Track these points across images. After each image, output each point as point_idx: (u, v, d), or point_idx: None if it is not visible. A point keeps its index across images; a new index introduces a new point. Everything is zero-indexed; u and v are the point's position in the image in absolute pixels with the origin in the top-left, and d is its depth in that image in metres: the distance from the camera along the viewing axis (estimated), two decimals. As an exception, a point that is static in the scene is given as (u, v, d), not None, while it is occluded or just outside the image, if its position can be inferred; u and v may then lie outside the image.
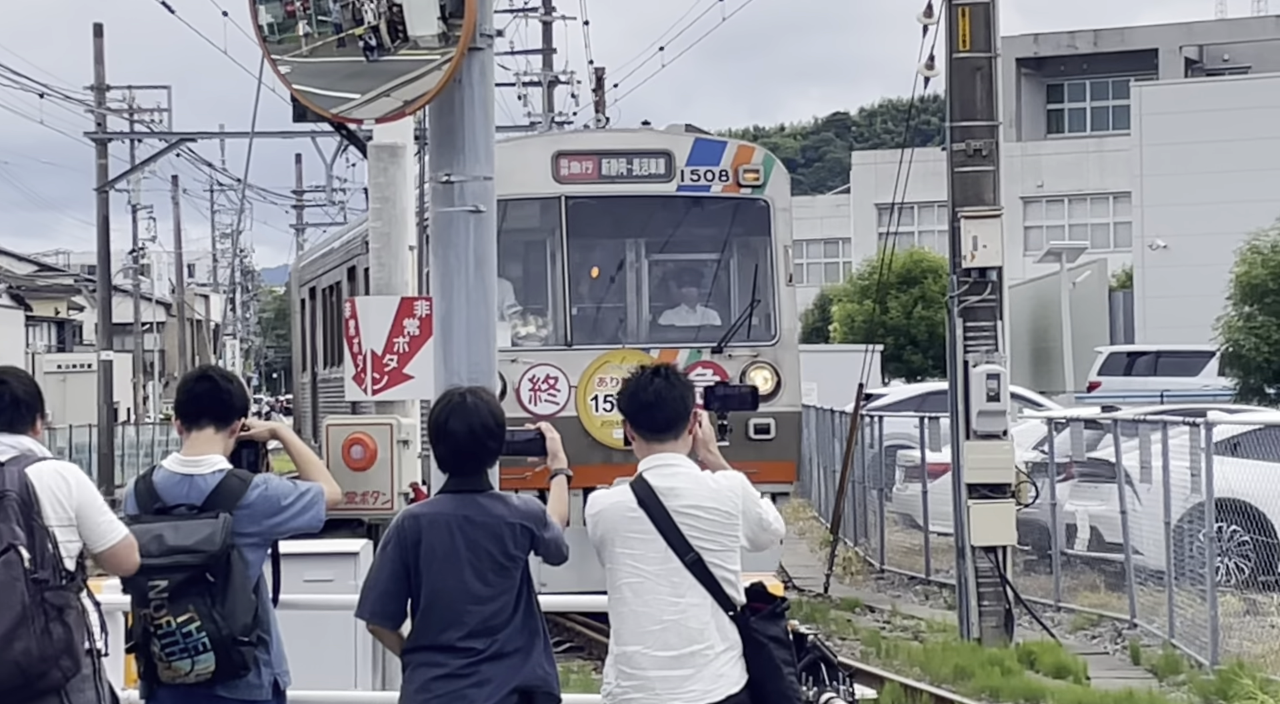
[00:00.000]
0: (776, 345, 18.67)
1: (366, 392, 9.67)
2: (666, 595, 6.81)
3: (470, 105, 8.68)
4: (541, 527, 6.86)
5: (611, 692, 6.90)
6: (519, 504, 6.89)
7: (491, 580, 6.79)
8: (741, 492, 6.91)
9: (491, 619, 6.79)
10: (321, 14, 8.64)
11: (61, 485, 6.52)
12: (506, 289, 18.29)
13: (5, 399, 6.73)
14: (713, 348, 18.36)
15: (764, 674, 6.84)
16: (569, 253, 18.50)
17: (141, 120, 57.68)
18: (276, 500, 6.96)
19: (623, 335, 18.76)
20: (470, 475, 6.86)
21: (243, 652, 6.77)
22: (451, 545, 6.79)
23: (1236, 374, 35.33)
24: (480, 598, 6.79)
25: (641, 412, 6.95)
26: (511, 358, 17.72)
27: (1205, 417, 17.36)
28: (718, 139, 19.30)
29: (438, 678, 6.79)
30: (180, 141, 51.84)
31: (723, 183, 18.61)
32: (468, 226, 8.71)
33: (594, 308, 18.94)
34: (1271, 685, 14.04)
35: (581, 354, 18.23)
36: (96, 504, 6.56)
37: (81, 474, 6.66)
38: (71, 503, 6.50)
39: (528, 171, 18.29)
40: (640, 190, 18.61)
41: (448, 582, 6.79)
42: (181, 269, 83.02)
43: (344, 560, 10.13)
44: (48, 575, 6.29)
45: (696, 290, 19.19)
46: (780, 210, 18.82)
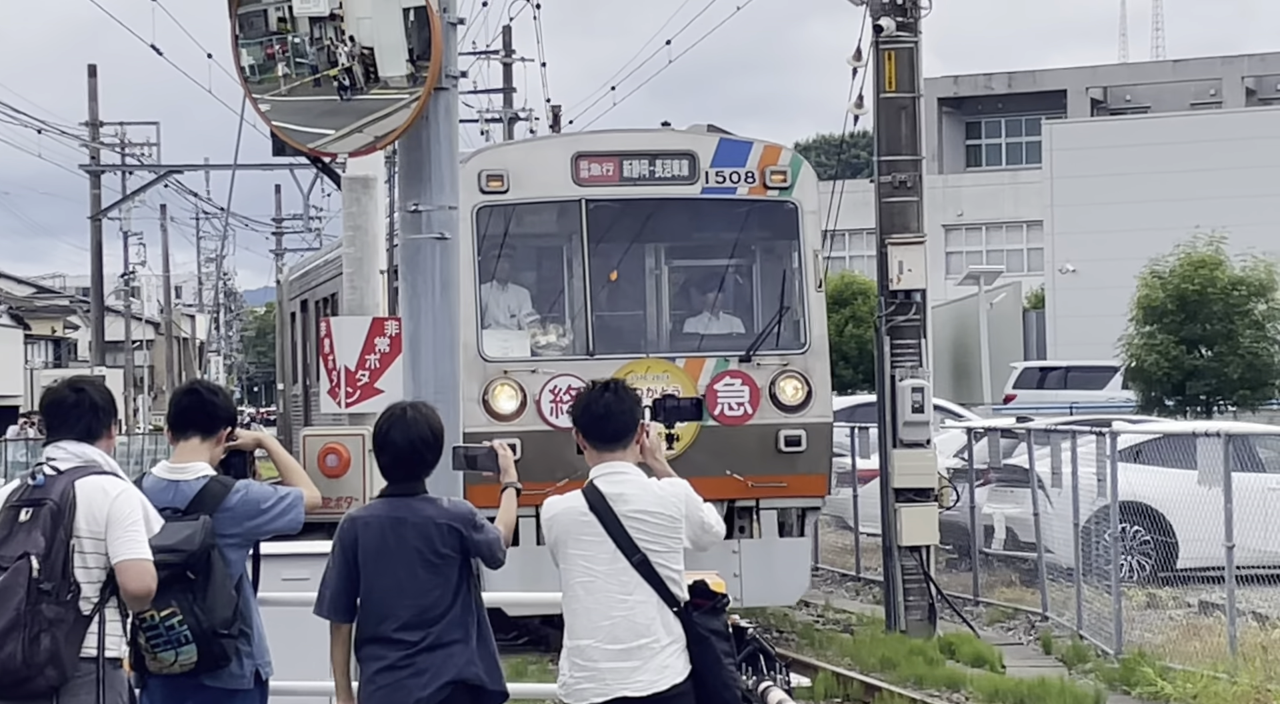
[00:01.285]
0: (806, 354, 16.47)
1: (340, 405, 9.65)
2: (616, 593, 6.81)
3: (437, 141, 8.68)
4: (470, 528, 6.89)
5: (565, 682, 6.91)
6: (448, 506, 6.95)
7: (422, 576, 6.83)
8: (685, 497, 6.93)
9: (426, 612, 6.83)
10: (299, 56, 8.63)
11: (100, 498, 6.36)
12: (524, 297, 16.64)
13: (84, 407, 6.59)
14: (740, 357, 16.29)
15: (706, 665, 6.85)
16: (590, 258, 16.38)
17: (132, 154, 57.44)
18: (256, 504, 6.96)
19: (646, 344, 16.68)
20: (407, 482, 6.94)
21: (223, 644, 6.77)
22: (384, 545, 6.86)
23: (1139, 388, 35.47)
24: (413, 592, 6.83)
25: (593, 424, 6.98)
26: (531, 368, 15.95)
27: (1110, 427, 17.44)
28: (743, 139, 16.97)
29: (380, 670, 6.86)
30: (168, 173, 51.77)
31: (749, 185, 16.53)
32: (434, 252, 8.71)
33: (616, 316, 16.95)
34: (1170, 673, 14.10)
35: (604, 364, 15.81)
36: (126, 520, 6.37)
37: (126, 489, 6.46)
38: (104, 515, 6.34)
39: (546, 173, 16.35)
40: (663, 193, 16.55)
41: (383, 578, 6.86)
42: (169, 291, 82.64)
43: (319, 560, 10.07)
44: (52, 586, 6.18)
45: (722, 297, 17.12)
46: (809, 213, 16.64)
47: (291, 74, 8.61)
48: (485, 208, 16.01)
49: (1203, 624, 15.89)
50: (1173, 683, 13.83)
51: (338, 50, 8.51)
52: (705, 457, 15.65)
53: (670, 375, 15.98)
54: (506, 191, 15.99)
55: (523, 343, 16.17)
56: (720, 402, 16.04)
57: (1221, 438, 15.14)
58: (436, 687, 6.81)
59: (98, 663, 6.28)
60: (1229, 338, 34.33)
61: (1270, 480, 17.50)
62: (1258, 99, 66.71)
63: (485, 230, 16.04)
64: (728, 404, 16.07)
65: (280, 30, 8.59)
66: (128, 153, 57.14)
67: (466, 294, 15.23)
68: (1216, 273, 34.33)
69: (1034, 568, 18.62)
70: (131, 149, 57.65)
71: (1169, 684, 13.82)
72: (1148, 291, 35.00)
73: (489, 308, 16.12)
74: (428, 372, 8.60)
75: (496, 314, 16.22)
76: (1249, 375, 34.49)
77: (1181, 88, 66.44)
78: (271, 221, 78.35)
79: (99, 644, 6.30)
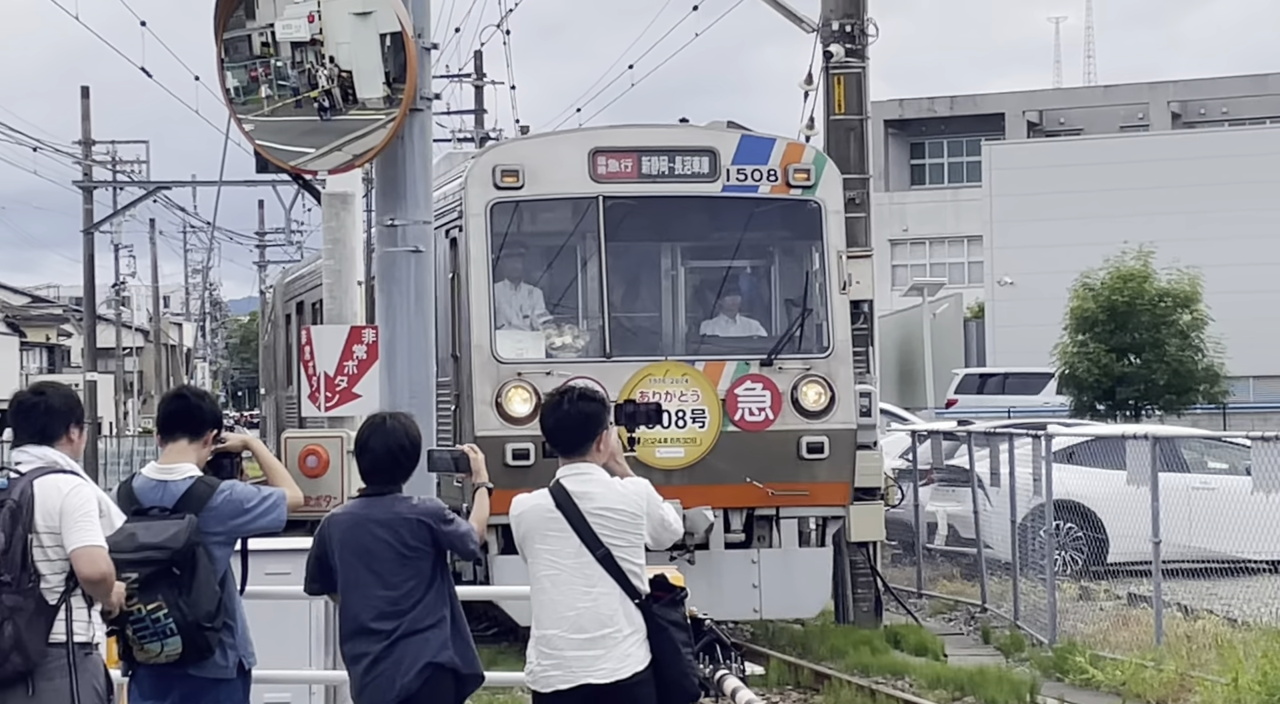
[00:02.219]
0: (830, 358, 15.15)
1: (320, 408, 9.61)
2: (580, 586, 6.82)
3: (411, 159, 8.68)
4: (439, 522, 6.92)
5: (533, 670, 6.91)
6: (418, 503, 7.00)
7: (394, 569, 6.88)
8: (646, 496, 6.95)
9: (398, 602, 6.87)
10: (281, 79, 8.63)
11: (54, 495, 6.39)
12: (538, 297, 15.28)
13: (41, 411, 6.61)
14: (761, 360, 14.96)
15: (666, 654, 6.86)
16: (607, 257, 15.01)
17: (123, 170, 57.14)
18: (240, 503, 6.95)
19: (664, 346, 15.31)
20: (383, 484, 6.99)
21: (207, 636, 6.77)
22: (359, 541, 6.92)
23: (1072, 393, 35.59)
24: (385, 585, 6.87)
25: (557, 429, 7.00)
26: (546, 371, 14.57)
27: (1045, 430, 17.49)
28: (766, 136, 15.55)
29: (366, 667, 6.92)
30: (157, 189, 51.68)
31: (771, 183, 15.15)
32: (409, 264, 8.70)
33: (634, 317, 15.53)
34: (1100, 661, 14.14)
35: (621, 366, 14.71)
36: (77, 513, 6.39)
37: (78, 486, 6.47)
38: (57, 510, 6.37)
39: (562, 170, 14.98)
40: (683, 190, 15.14)
41: (357, 571, 6.93)
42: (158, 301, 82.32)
43: (300, 556, 10.05)
44: (11, 577, 6.20)
45: (743, 298, 15.69)
46: (833, 213, 15.37)
47: (274, 95, 8.60)
48: (500, 204, 14.88)
49: (1131, 615, 15.94)
50: (1103, 670, 13.88)
51: (318, 73, 8.50)
52: (724, 463, 14.68)
53: (689, 379, 14.81)
54: (521, 187, 14.86)
55: (537, 344, 15.01)
56: (741, 406, 14.85)
57: (1149, 440, 15.21)
58: (416, 670, 6.84)
59: (67, 648, 6.27)
60: (1156, 346, 34.49)
61: (1194, 480, 17.60)
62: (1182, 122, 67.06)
63: (499, 227, 14.93)
64: (748, 409, 14.89)
65: (264, 54, 8.58)
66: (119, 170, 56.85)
67: (479, 293, 14.63)
68: (1144, 285, 34.49)
69: (974, 562, 18.66)
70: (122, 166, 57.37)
71: (1099, 672, 13.87)
72: (1080, 303, 35.15)
73: (502, 308, 14.96)
74: (403, 377, 8.60)
75: (510, 314, 15.08)
76: (1174, 381, 34.66)
77: (1112, 111, 66.74)
78: (255, 235, 78.19)
79: (67, 630, 6.30)
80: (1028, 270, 50.12)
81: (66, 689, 6.23)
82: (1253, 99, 67.36)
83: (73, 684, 6.24)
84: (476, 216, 14.78)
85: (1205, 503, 15.53)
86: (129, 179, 56.39)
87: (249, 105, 8.66)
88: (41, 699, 6.22)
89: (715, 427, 14.67)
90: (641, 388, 14.55)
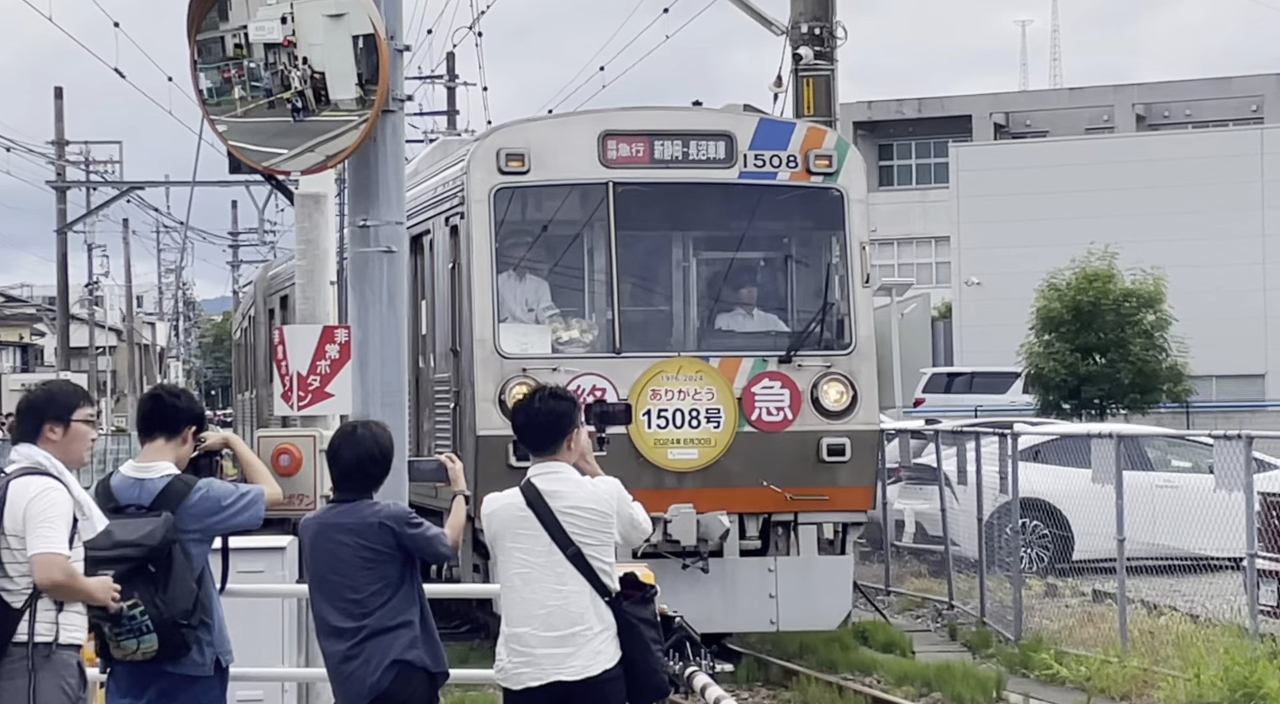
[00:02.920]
0: (852, 355, 14.18)
1: (293, 407, 9.58)
2: (551, 584, 6.82)
3: (384, 160, 8.66)
4: (403, 526, 6.95)
5: (503, 667, 6.91)
6: (384, 508, 7.03)
7: (358, 572, 6.91)
8: (616, 495, 6.96)
9: (363, 604, 6.90)
10: (254, 80, 8.61)
11: (20, 498, 6.34)
12: (543, 289, 14.17)
13: (25, 411, 6.55)
14: (780, 357, 13.94)
15: (635, 651, 6.86)
16: (617, 246, 13.88)
17: (96, 171, 56.96)
18: (217, 501, 6.94)
19: (677, 342, 14.23)
20: (353, 492, 7.02)
21: (183, 633, 6.74)
22: (325, 547, 6.97)
23: (1038, 392, 35.70)
24: (350, 587, 6.91)
25: (528, 428, 6.99)
26: (553, 367, 13.57)
27: (1012, 428, 17.54)
28: (785, 121, 14.68)
29: (337, 665, 6.97)
30: (130, 190, 51.56)
31: (791, 169, 14.05)
32: (381, 265, 8.68)
33: (645, 310, 14.42)
34: (1065, 657, 14.19)
35: (632, 363, 13.69)
36: (39, 518, 6.30)
37: (46, 488, 6.38)
38: (21, 513, 6.32)
39: (571, 153, 13.88)
40: (698, 176, 14.02)
41: (325, 572, 6.98)
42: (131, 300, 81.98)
43: (273, 554, 10.11)
44: None
45: (761, 291, 14.60)
46: (855, 202, 14.26)
47: (247, 97, 8.58)
48: (504, 189, 13.82)
49: (1096, 612, 15.99)
50: (1068, 666, 13.93)
51: (291, 75, 8.48)
52: (740, 466, 13.71)
53: (704, 376, 13.78)
54: (527, 172, 13.76)
55: (543, 338, 13.97)
56: (758, 406, 13.85)
57: (1114, 439, 15.26)
58: (383, 669, 6.87)
59: (28, 648, 6.24)
60: (1120, 346, 34.61)
61: (1158, 478, 17.66)
62: (1147, 125, 67.33)
63: (503, 214, 13.87)
64: (765, 409, 13.88)
65: (237, 55, 8.57)
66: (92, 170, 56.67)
67: (482, 284, 13.68)
68: (1109, 286, 34.61)
69: (941, 560, 18.70)
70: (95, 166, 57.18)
71: (1064, 667, 13.92)
72: (1046, 303, 35.26)
73: (506, 300, 13.91)
74: (375, 376, 8.59)
75: (514, 307, 14.03)
76: (1139, 380, 34.79)
77: (1077, 114, 66.95)
78: (228, 235, 77.98)
79: (29, 631, 6.26)
80: (994, 271, 50.28)
81: (24, 689, 6.21)
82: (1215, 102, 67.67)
83: (30, 685, 6.22)
84: (479, 203, 13.81)
85: (1169, 501, 15.57)
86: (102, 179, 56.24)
87: (222, 106, 8.64)
88: (3, 697, 6.20)
89: (731, 427, 13.74)
90: (653, 386, 13.67)
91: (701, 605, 13.14)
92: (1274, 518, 14.25)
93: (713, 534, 13.54)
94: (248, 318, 29.16)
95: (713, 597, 13.52)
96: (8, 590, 6.28)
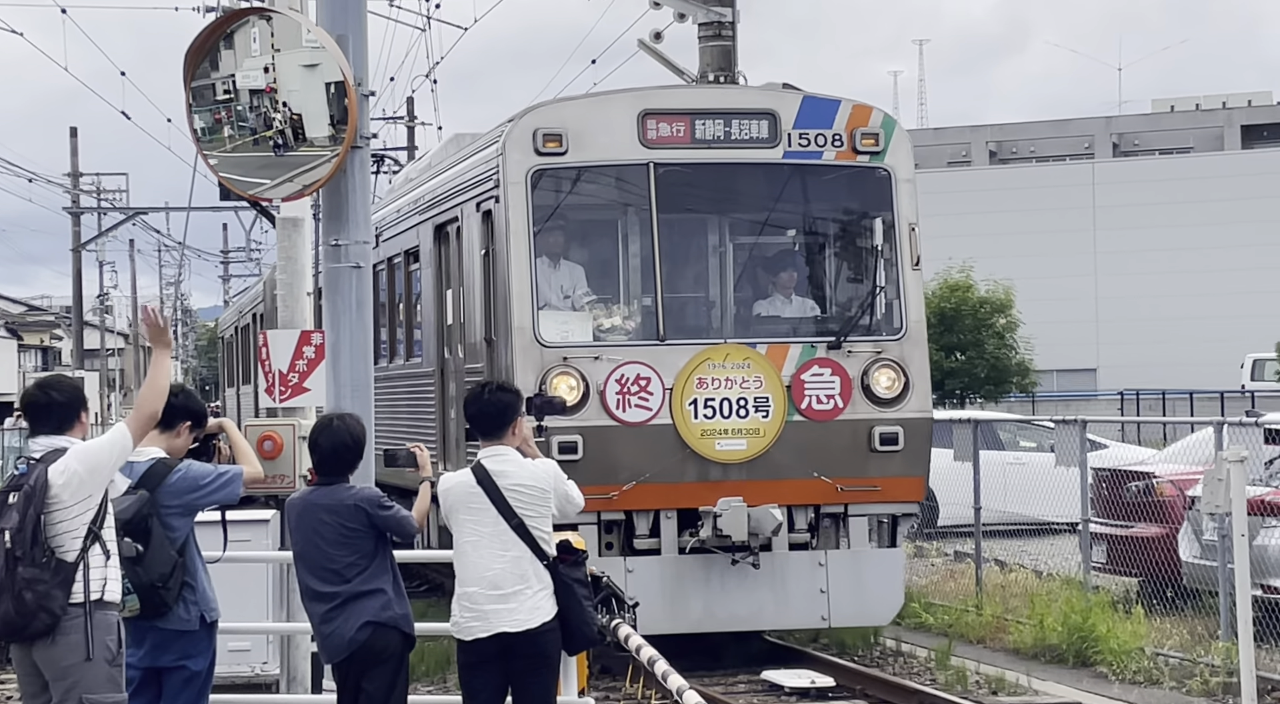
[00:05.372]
0: (903, 340, 11.95)
1: (275, 400, 9.52)
2: (497, 549, 6.81)
3: (353, 189, 8.62)
4: (375, 508, 6.88)
5: (456, 621, 6.89)
6: (358, 491, 6.97)
7: (336, 546, 6.84)
8: (553, 474, 6.96)
9: (341, 572, 6.83)
10: (241, 121, 8.58)
11: (63, 468, 6.12)
12: (579, 275, 11.90)
13: (54, 406, 6.33)
14: (829, 343, 11.78)
15: (570, 607, 6.86)
16: (659, 229, 11.70)
17: (106, 198, 56.35)
18: (195, 481, 6.87)
19: (723, 328, 12.04)
20: (331, 476, 6.95)
21: (161, 595, 6.71)
22: (308, 523, 6.89)
23: (907, 384, 35.94)
24: (328, 557, 6.84)
25: (478, 416, 6.98)
26: (595, 355, 11.41)
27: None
28: (829, 97, 12.15)
29: (319, 624, 6.92)
30: (135, 214, 51.23)
31: (836, 148, 11.93)
32: (351, 279, 8.65)
33: (689, 296, 12.23)
34: (932, 607, 14.27)
35: (676, 350, 11.49)
36: (91, 445, 6.18)
37: (83, 450, 6.16)
38: (80, 473, 6.10)
39: (610, 133, 11.70)
40: (741, 157, 11.86)
41: (307, 546, 6.91)
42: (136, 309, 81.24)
43: (259, 526, 10.08)
44: (23, 553, 6.02)
45: (808, 275, 12.44)
46: (903, 181, 12.07)
47: (235, 135, 8.54)
48: (541, 171, 11.61)
49: (957, 569, 16.11)
50: (934, 615, 14.01)
51: (273, 116, 8.44)
52: (789, 457, 11.51)
53: (751, 363, 11.55)
54: (565, 153, 11.59)
55: (584, 326, 11.70)
56: (808, 394, 11.67)
57: (971, 424, 15.38)
58: (358, 626, 6.81)
59: (84, 607, 6.14)
60: (977, 345, 34.93)
61: (1008, 457, 17.82)
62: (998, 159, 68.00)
63: (541, 197, 11.66)
64: (815, 396, 11.69)
65: (226, 100, 8.53)
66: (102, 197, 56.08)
67: (520, 270, 11.44)
68: (967, 294, 34.92)
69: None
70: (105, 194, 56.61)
71: (931, 616, 14.00)
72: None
73: (543, 286, 11.65)
74: (345, 375, 8.57)
75: (553, 293, 11.76)
76: (993, 375, 35.14)
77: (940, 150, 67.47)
78: (220, 253, 77.64)
79: (85, 590, 6.12)
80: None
81: (82, 642, 6.11)
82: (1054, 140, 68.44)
83: (88, 638, 6.13)
84: (516, 185, 11.55)
85: (1017, 476, 15.73)
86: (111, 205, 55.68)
87: (214, 143, 8.58)
88: (59, 649, 6.11)
89: (780, 416, 11.50)
90: (699, 374, 11.46)
91: (750, 602, 11.45)
92: (1104, 489, 14.41)
93: (765, 528, 11.27)
94: (250, 315, 28.03)
95: (762, 593, 11.46)
96: (62, 549, 6.11)
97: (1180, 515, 13.40)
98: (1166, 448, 18.04)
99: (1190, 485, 13.00)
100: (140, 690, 6.84)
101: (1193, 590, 12.69)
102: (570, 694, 7.47)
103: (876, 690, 11.20)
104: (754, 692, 11.20)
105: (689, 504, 11.30)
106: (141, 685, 6.85)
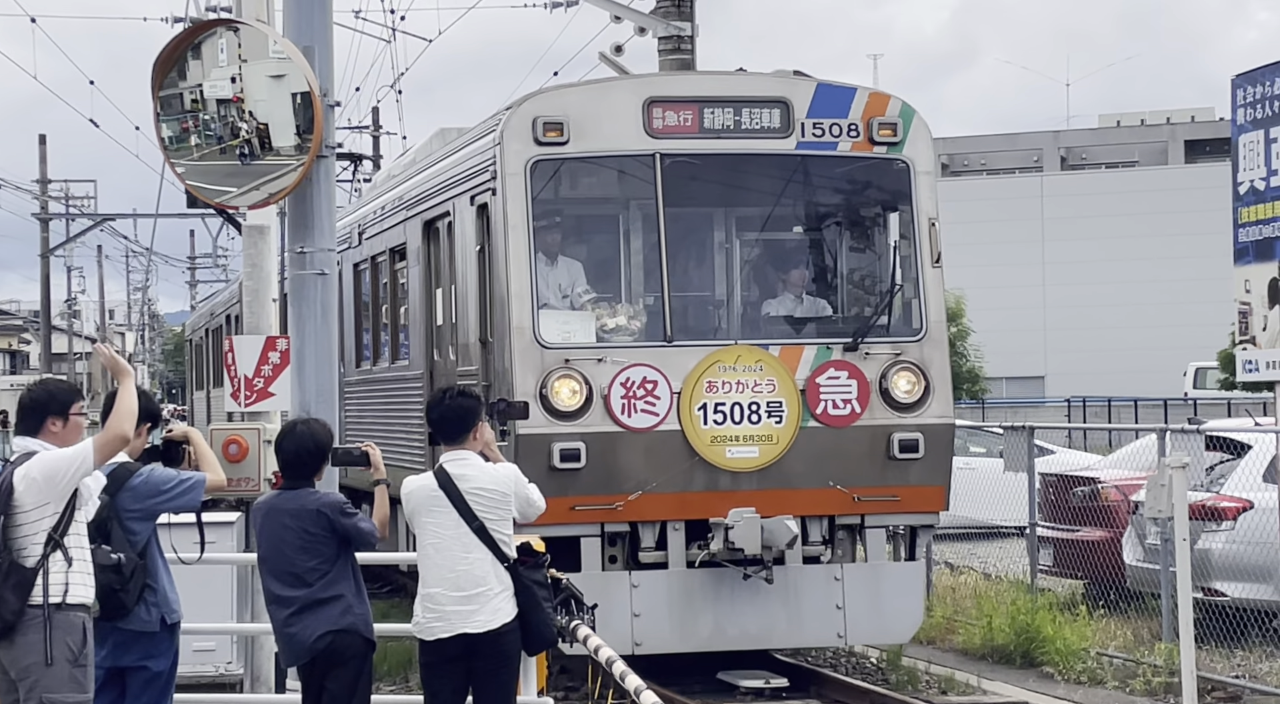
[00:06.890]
0: (923, 342, 10.97)
1: (240, 405, 9.47)
2: (459, 552, 6.80)
3: (318, 197, 8.61)
4: (337, 514, 6.82)
5: (419, 621, 6.88)
6: (322, 497, 6.91)
7: (296, 550, 6.79)
8: (514, 478, 6.95)
9: (304, 576, 6.77)
10: (208, 130, 8.56)
11: (31, 472, 6.10)
12: (581, 272, 10.94)
13: (26, 408, 6.31)
14: (845, 345, 10.81)
15: (530, 608, 6.85)
16: (665, 224, 10.71)
17: (74, 204, 56.02)
18: (156, 486, 6.81)
19: (733, 328, 11.03)
20: (295, 480, 6.90)
21: (120, 597, 6.63)
22: (271, 528, 6.85)
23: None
24: (291, 563, 6.79)
25: (440, 422, 6.96)
26: (598, 357, 10.47)
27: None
28: (845, 85, 11.19)
29: (280, 628, 6.87)
30: (103, 220, 51.02)
31: (852, 139, 10.98)
32: (316, 285, 8.62)
33: (697, 295, 11.32)
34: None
35: (684, 352, 10.55)
36: (57, 456, 6.13)
37: (45, 458, 6.12)
38: (38, 480, 6.08)
39: (612, 123, 10.73)
40: (752, 147, 10.91)
41: (270, 549, 6.86)
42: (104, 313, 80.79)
43: (224, 528, 10.01)
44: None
45: (821, 273, 11.42)
46: (923, 174, 11.13)
47: (202, 143, 8.51)
48: (541, 161, 10.62)
49: (909, 571, 16.10)
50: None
51: (239, 125, 8.41)
52: (804, 465, 10.61)
53: (764, 366, 10.63)
54: (566, 143, 10.63)
55: (587, 326, 10.73)
56: (823, 398, 10.72)
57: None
58: (317, 635, 6.76)
59: (43, 609, 6.08)
60: (929, 353, 35.10)
61: (959, 462, 17.79)
62: (950, 171, 68.33)
63: (541, 190, 10.68)
64: (831, 401, 10.74)
65: (194, 109, 8.50)
66: (70, 204, 55.73)
67: (519, 266, 10.51)
68: (919, 303, 35.08)
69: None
70: (73, 201, 56.28)
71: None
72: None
73: (544, 284, 10.70)
74: (310, 380, 8.54)
75: (553, 292, 10.82)
76: (944, 381, 35.28)
77: (894, 163, 67.74)
78: (187, 259, 77.26)
79: (44, 593, 6.07)
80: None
81: (40, 643, 6.05)
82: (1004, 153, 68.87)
83: (46, 639, 6.07)
84: (515, 176, 10.59)
85: (968, 480, 15.76)
86: (79, 211, 55.36)
87: (181, 151, 8.54)
88: (18, 650, 6.05)
89: (794, 422, 10.60)
90: (709, 377, 10.52)
91: (762, 619, 10.61)
92: (1051, 494, 14.49)
93: (779, 541, 10.37)
94: (222, 317, 27.60)
95: (774, 609, 10.59)
96: (22, 553, 6.06)
97: (1124, 520, 13.49)
98: (1112, 454, 18.15)
99: (1134, 491, 13.09)
100: (104, 690, 6.79)
101: (1136, 593, 12.77)
102: (530, 694, 7.46)
103: (830, 690, 11.21)
104: (709, 692, 11.18)
105: (698, 515, 10.39)
106: (105, 685, 6.80)
